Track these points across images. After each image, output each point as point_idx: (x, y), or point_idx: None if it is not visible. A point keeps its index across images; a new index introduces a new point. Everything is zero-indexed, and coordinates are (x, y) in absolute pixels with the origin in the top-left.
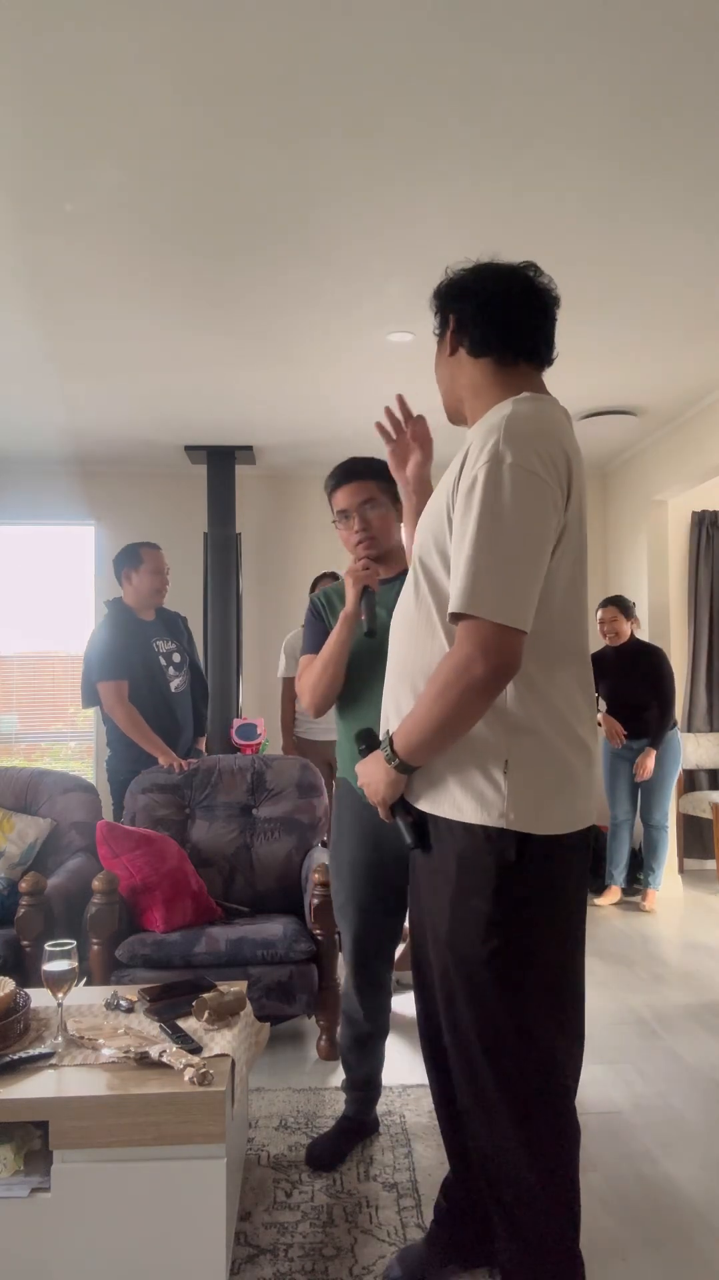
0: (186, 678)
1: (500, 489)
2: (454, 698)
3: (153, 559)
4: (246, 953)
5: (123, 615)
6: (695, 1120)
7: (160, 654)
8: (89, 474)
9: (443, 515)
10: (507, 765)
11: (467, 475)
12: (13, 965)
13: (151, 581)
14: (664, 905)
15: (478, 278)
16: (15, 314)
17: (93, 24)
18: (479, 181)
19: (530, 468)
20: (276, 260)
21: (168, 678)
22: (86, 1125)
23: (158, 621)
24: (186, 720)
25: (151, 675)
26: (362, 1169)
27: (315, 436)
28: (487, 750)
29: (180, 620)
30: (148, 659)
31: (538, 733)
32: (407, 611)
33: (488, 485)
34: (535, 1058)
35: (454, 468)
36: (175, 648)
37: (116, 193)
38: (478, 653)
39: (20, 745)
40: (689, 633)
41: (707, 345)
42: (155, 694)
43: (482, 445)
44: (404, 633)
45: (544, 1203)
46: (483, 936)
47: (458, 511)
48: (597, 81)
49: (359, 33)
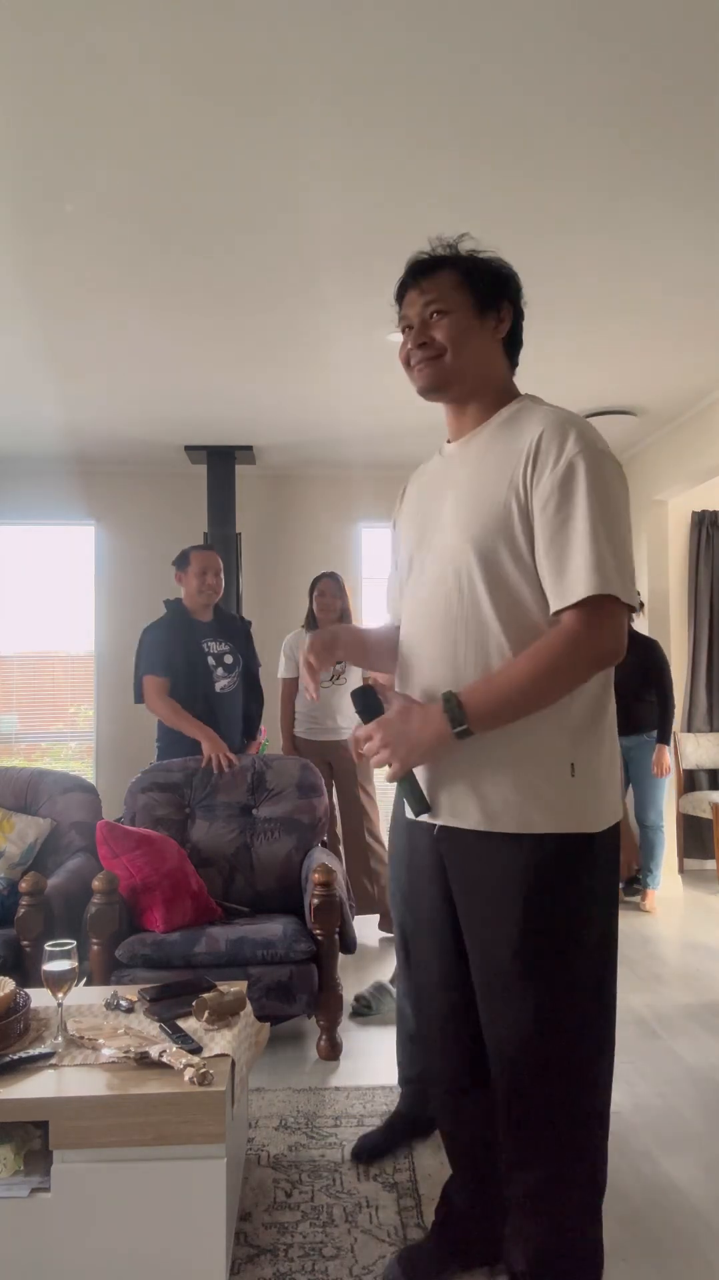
0: (237, 680)
1: (604, 475)
2: (564, 675)
3: (199, 561)
4: (246, 953)
5: (176, 615)
6: (695, 1120)
7: (210, 654)
8: (89, 474)
9: (508, 507)
10: (573, 769)
11: (555, 464)
12: (13, 965)
13: (196, 583)
14: (664, 905)
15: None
16: (15, 314)
17: (93, 24)
18: (479, 182)
19: (615, 459)
20: (276, 260)
21: (214, 678)
22: (86, 1125)
23: (214, 623)
24: (231, 721)
25: (195, 674)
26: (361, 1169)
27: (315, 436)
28: (553, 756)
29: (242, 624)
30: (193, 658)
31: (592, 729)
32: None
33: (593, 471)
34: (593, 1060)
35: (509, 458)
36: (228, 650)
37: (116, 193)
38: (605, 630)
39: (20, 745)
40: (689, 633)
41: (707, 345)
42: (197, 693)
43: (562, 435)
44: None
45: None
46: (569, 948)
47: (552, 498)
48: (597, 82)
49: (359, 32)
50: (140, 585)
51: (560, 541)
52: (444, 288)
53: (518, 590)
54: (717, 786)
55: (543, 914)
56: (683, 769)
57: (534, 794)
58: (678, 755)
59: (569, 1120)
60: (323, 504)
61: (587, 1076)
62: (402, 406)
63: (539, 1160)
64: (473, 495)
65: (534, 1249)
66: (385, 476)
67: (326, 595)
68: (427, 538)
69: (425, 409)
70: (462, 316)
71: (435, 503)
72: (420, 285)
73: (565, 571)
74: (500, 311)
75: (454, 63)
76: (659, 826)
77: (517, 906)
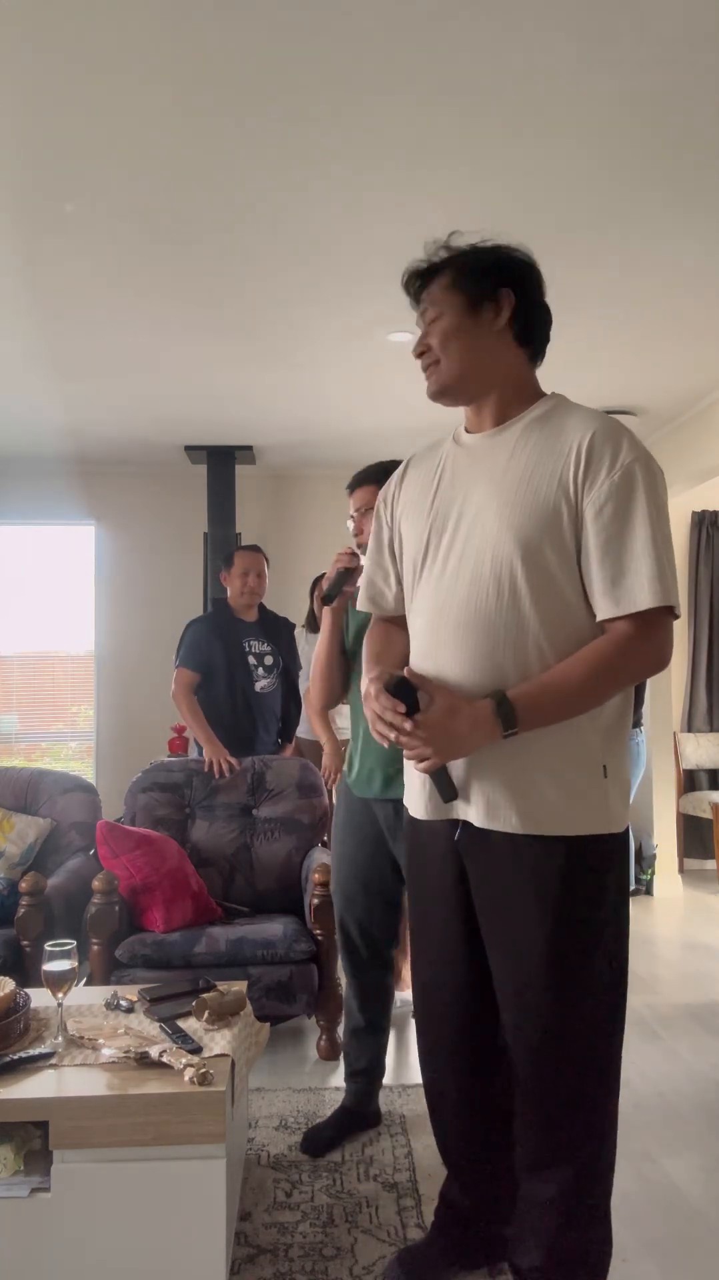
0: (277, 681)
1: (656, 484)
2: (616, 681)
3: (242, 562)
4: (246, 953)
5: (220, 613)
6: (695, 1120)
7: (251, 654)
8: (89, 474)
9: (556, 510)
10: (605, 770)
11: (611, 469)
12: (13, 965)
13: (238, 584)
14: (664, 905)
15: (532, 266)
16: (15, 314)
17: (93, 25)
18: (479, 181)
19: (662, 469)
20: (277, 260)
21: (254, 678)
22: (86, 1125)
23: (258, 624)
24: (268, 722)
25: (234, 673)
26: (361, 1169)
27: (315, 436)
28: (588, 756)
29: (285, 626)
30: (233, 657)
31: (619, 730)
32: (483, 616)
33: (649, 479)
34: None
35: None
36: (270, 650)
37: (116, 193)
38: (662, 640)
39: (20, 745)
40: (689, 633)
41: (707, 345)
42: (236, 691)
43: (615, 441)
44: (480, 643)
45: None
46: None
47: (608, 504)
48: (597, 81)
49: (358, 32)
50: (140, 585)
51: (617, 549)
52: (436, 293)
53: (563, 591)
54: (717, 786)
55: (576, 913)
56: (683, 769)
57: (575, 795)
58: (678, 755)
59: (595, 1119)
60: (323, 504)
61: (609, 1075)
62: (402, 406)
63: (566, 1159)
64: (515, 491)
65: (551, 1247)
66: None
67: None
68: (451, 529)
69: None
70: (451, 317)
71: (458, 493)
72: (419, 295)
73: (623, 579)
74: (498, 301)
75: (454, 62)
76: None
77: (551, 908)
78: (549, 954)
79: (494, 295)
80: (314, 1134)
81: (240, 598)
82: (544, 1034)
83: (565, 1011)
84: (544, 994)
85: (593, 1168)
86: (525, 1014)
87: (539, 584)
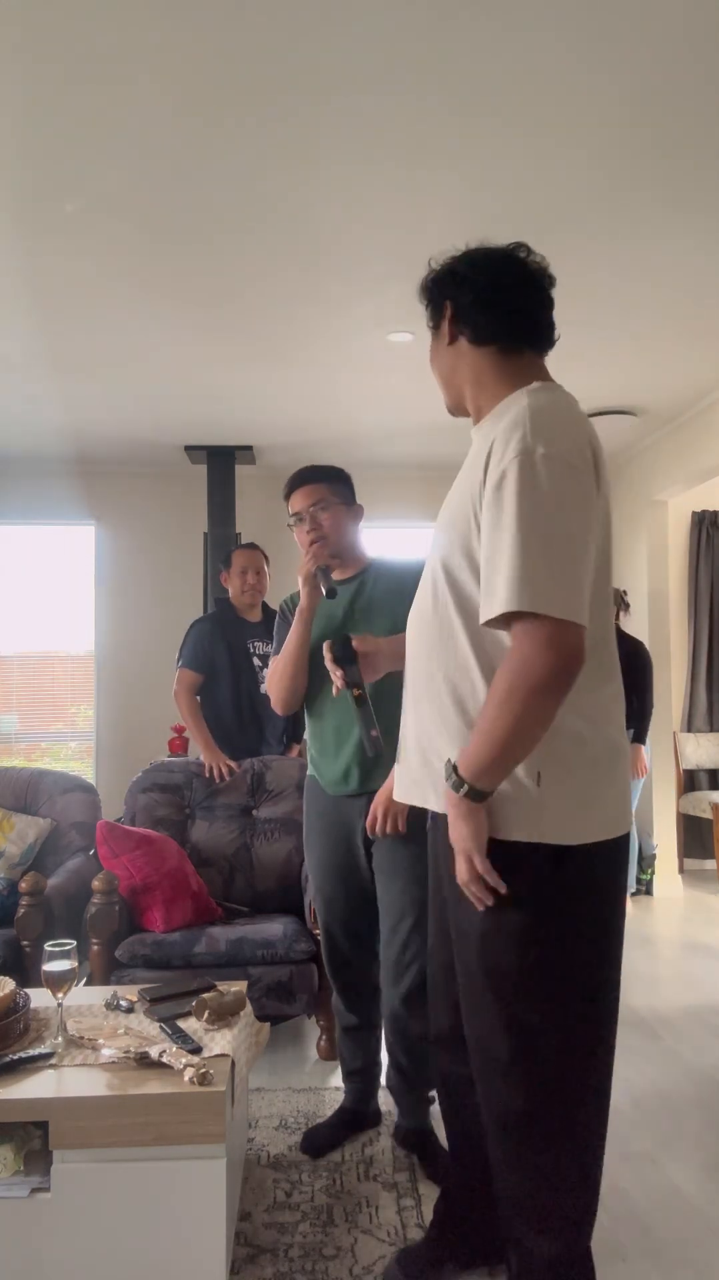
0: None
1: (537, 481)
2: (519, 704)
3: (241, 560)
4: (246, 953)
5: (223, 613)
6: (695, 1120)
7: (256, 655)
8: (89, 474)
9: (468, 517)
10: (539, 777)
11: (493, 471)
12: (13, 965)
13: (238, 583)
14: (664, 905)
15: (473, 263)
16: (15, 314)
17: (93, 24)
18: (479, 181)
19: (565, 458)
20: (276, 260)
21: (259, 678)
22: (86, 1125)
23: (262, 623)
24: (273, 722)
25: (238, 673)
26: (361, 1169)
27: (315, 436)
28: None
29: None
30: (237, 657)
31: (568, 735)
32: (423, 620)
33: (523, 479)
34: (576, 1068)
35: (475, 466)
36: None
37: (116, 193)
38: (538, 650)
39: (20, 745)
40: (689, 633)
41: (707, 345)
42: (239, 692)
43: (507, 439)
44: (421, 645)
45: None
46: (519, 951)
47: (487, 509)
48: (597, 81)
49: (358, 33)
50: (140, 585)
51: (490, 552)
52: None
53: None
54: (717, 786)
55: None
56: (683, 769)
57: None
58: (678, 755)
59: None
60: None
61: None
62: (401, 406)
63: (520, 1165)
64: (448, 506)
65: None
66: (386, 476)
67: None
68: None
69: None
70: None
71: None
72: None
73: (490, 584)
74: (442, 320)
75: (455, 62)
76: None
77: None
78: (473, 942)
79: (440, 315)
80: (314, 1134)
81: (242, 596)
82: (471, 1021)
83: (486, 1007)
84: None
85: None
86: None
87: (462, 598)
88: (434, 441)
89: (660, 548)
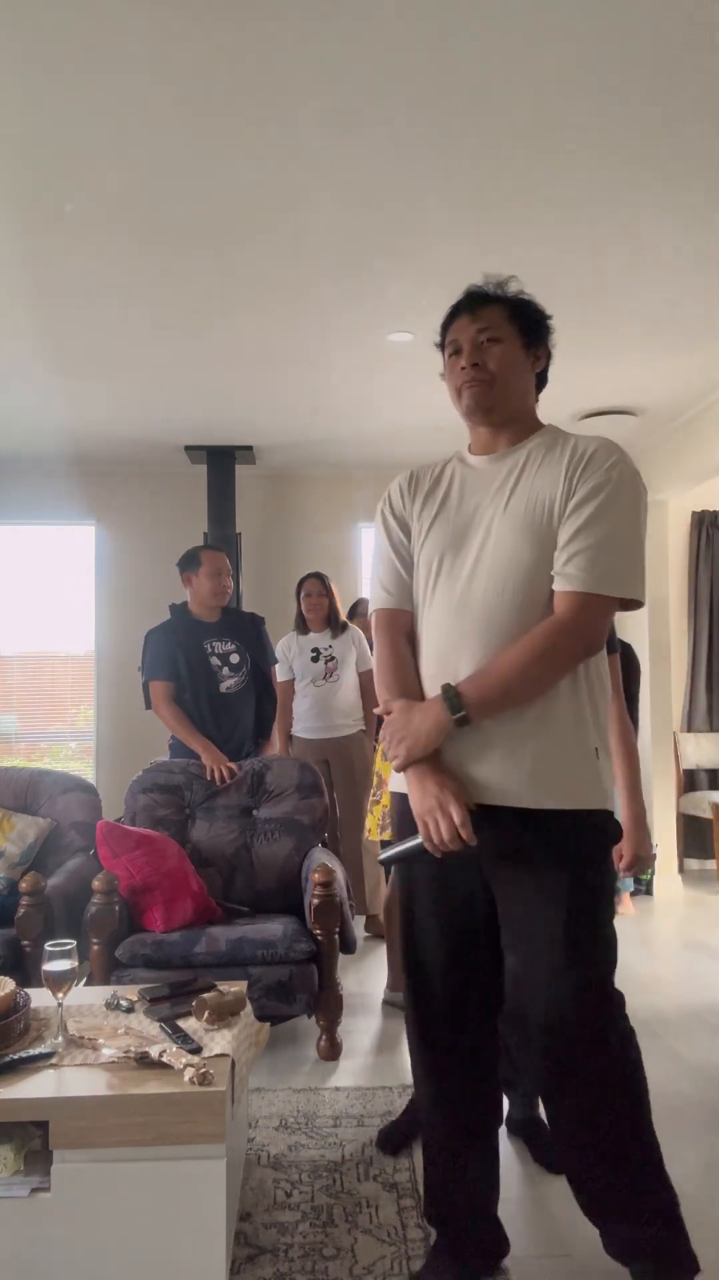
0: (245, 679)
1: (637, 486)
2: (554, 661)
3: (214, 561)
4: (246, 953)
5: (177, 618)
6: (695, 1121)
7: (215, 655)
8: (89, 474)
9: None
10: (597, 752)
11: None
12: (13, 965)
13: (210, 585)
14: (664, 905)
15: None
16: (15, 314)
17: (93, 25)
18: (479, 182)
19: (644, 484)
20: (276, 260)
21: (219, 679)
22: (86, 1125)
23: (220, 623)
24: (240, 722)
25: (197, 676)
26: (361, 1169)
27: (315, 436)
28: (589, 734)
29: (252, 622)
30: (194, 660)
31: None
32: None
33: (628, 480)
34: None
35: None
36: (234, 649)
37: (116, 193)
38: (594, 625)
39: (20, 745)
40: (689, 633)
41: (707, 345)
42: (201, 694)
43: (609, 451)
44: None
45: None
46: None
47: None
48: (597, 80)
49: (358, 33)
50: (140, 585)
51: (577, 535)
52: (496, 319)
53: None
54: (717, 786)
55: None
56: (683, 769)
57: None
58: (678, 755)
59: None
60: (323, 504)
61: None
62: (401, 406)
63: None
64: (528, 503)
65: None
66: (385, 477)
67: (313, 596)
68: (465, 542)
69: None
70: (511, 347)
71: (470, 508)
72: (475, 313)
73: (570, 562)
74: (539, 350)
75: (454, 63)
76: None
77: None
78: (558, 924)
79: (540, 344)
80: (390, 1130)
81: (213, 599)
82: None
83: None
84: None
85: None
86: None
87: (546, 588)
88: (434, 441)
89: (660, 548)
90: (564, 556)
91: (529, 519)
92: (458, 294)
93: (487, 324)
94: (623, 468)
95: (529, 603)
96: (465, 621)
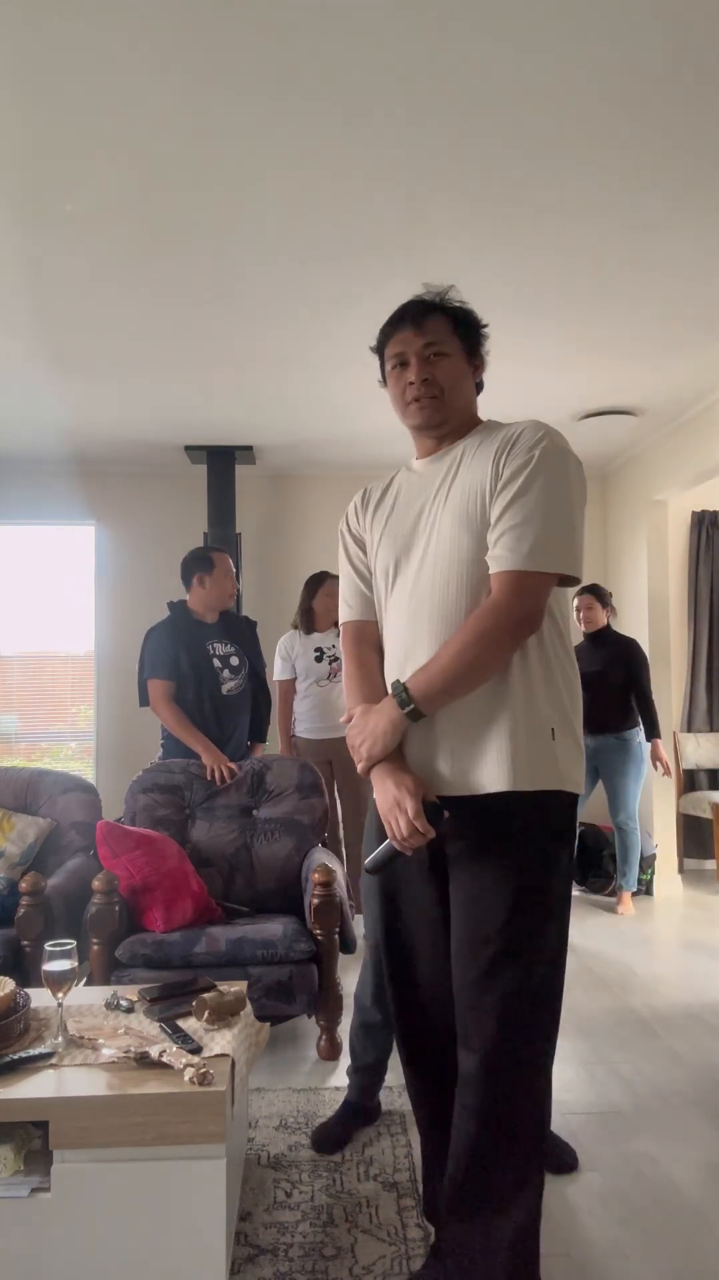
0: (244, 682)
1: (565, 463)
2: (491, 642)
3: (226, 562)
4: (246, 953)
5: (181, 618)
6: (695, 1120)
7: (216, 656)
8: (89, 474)
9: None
10: (554, 733)
11: (523, 450)
12: (13, 965)
13: (225, 586)
14: (664, 905)
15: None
16: (15, 314)
17: (93, 22)
18: (478, 182)
19: (578, 458)
20: (276, 259)
21: (220, 680)
22: (86, 1125)
23: (219, 625)
24: (239, 724)
25: (200, 677)
26: (361, 1169)
27: (315, 436)
28: (543, 714)
29: (247, 625)
30: (198, 661)
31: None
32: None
33: (553, 457)
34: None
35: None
36: (234, 651)
37: (116, 192)
38: (526, 602)
39: (20, 745)
40: (689, 633)
41: (707, 345)
42: (203, 696)
43: (535, 430)
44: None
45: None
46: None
47: (513, 478)
48: (596, 81)
49: (358, 34)
50: (140, 585)
51: (503, 514)
52: (442, 332)
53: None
54: (717, 786)
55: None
56: (683, 769)
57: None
58: (678, 755)
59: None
60: (323, 504)
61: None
62: None
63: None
64: (461, 499)
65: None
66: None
67: (334, 596)
68: (412, 544)
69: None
70: (457, 361)
71: (414, 511)
72: (420, 325)
73: (498, 543)
74: (478, 360)
75: (454, 59)
76: (631, 829)
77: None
78: (504, 906)
79: (478, 353)
80: (324, 1131)
81: (225, 600)
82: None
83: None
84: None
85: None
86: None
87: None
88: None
89: (660, 548)
90: (493, 537)
91: (465, 510)
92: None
93: (433, 338)
94: (548, 444)
95: (476, 592)
96: (419, 619)
